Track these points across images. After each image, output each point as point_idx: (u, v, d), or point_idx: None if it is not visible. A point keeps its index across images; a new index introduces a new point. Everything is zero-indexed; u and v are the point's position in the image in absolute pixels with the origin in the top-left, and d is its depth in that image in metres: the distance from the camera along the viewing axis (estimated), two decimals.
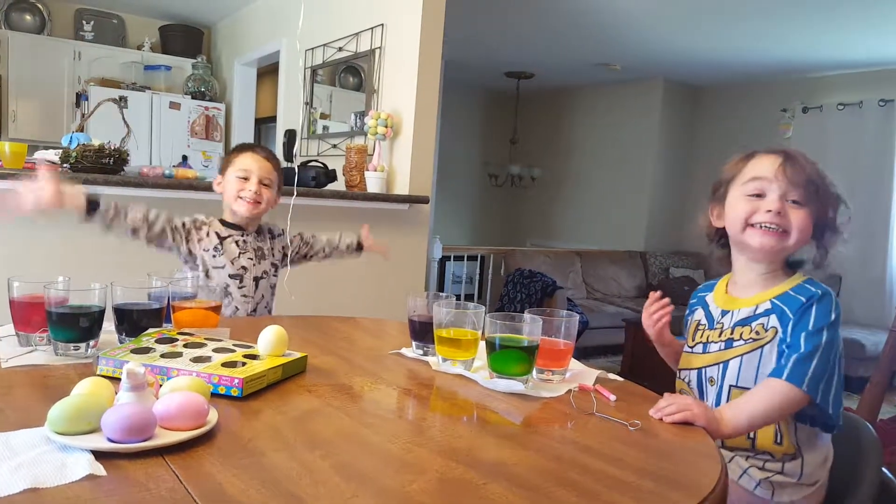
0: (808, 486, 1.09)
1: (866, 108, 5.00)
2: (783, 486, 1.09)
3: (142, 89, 5.05)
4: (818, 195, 1.09)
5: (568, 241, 6.57)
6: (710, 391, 1.14)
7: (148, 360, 0.96)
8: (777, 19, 4.05)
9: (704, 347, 1.17)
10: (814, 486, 1.10)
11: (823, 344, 1.03)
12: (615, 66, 5.62)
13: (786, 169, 1.09)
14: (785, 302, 1.09)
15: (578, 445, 0.83)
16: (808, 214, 1.09)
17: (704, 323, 1.20)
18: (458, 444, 0.80)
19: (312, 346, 1.22)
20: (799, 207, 1.09)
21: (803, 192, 1.08)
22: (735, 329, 1.13)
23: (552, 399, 1.01)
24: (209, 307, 1.18)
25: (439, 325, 1.13)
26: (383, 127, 3.04)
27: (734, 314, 1.15)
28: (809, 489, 1.09)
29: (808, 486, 1.09)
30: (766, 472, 1.09)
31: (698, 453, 0.84)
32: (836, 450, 1.14)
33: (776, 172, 1.09)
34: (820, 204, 1.10)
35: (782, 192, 1.09)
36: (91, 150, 2.30)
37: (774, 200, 1.09)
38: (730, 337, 1.13)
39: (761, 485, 1.09)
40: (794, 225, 1.09)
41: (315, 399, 0.94)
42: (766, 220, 1.09)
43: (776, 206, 1.08)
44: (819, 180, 1.10)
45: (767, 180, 1.10)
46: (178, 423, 0.74)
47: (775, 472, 1.09)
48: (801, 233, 1.09)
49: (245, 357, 1.00)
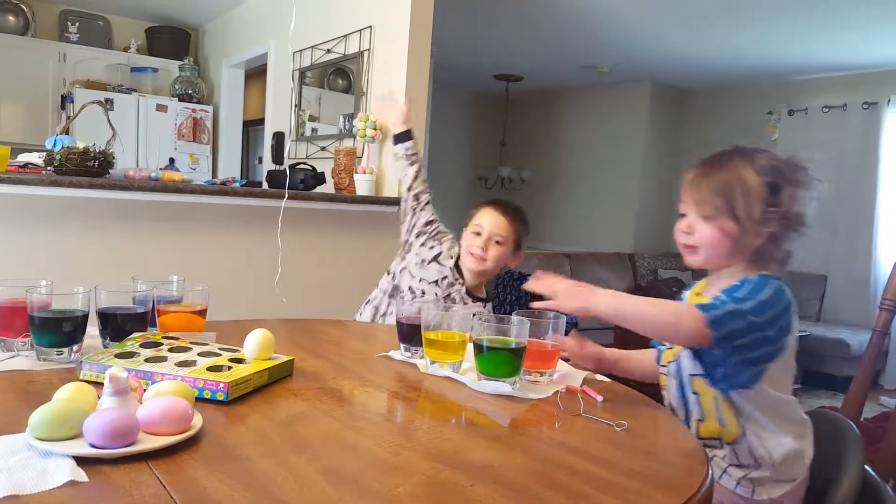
0: (787, 482, 1.10)
1: (850, 110, 5.06)
2: (762, 483, 1.10)
3: (128, 91, 5.02)
4: (733, 203, 1.07)
5: (557, 243, 6.59)
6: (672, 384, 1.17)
7: (132, 365, 0.95)
8: (763, 23, 4.09)
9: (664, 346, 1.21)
10: (793, 482, 1.11)
11: (746, 308, 1.01)
12: (603, 68, 5.65)
13: (689, 188, 1.12)
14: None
15: (565, 447, 0.83)
16: (716, 227, 1.09)
17: None
18: (445, 447, 0.80)
19: (300, 350, 1.21)
20: (707, 222, 1.10)
21: (710, 207, 1.09)
22: None
23: (540, 400, 1.01)
24: (195, 311, 1.17)
25: (427, 328, 1.13)
26: (372, 129, 3.04)
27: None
28: (789, 485, 1.10)
29: (787, 483, 1.10)
30: (743, 470, 1.10)
31: (684, 453, 0.84)
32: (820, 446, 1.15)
33: (684, 191, 1.13)
34: (731, 210, 1.08)
35: (691, 211, 1.12)
36: (76, 152, 2.27)
37: (683, 220, 1.13)
38: None
39: (741, 483, 1.10)
40: (700, 241, 1.11)
41: (302, 403, 0.93)
42: (678, 239, 1.14)
43: (682, 226, 1.13)
44: (728, 188, 1.08)
45: (683, 200, 1.14)
46: (162, 427, 0.74)
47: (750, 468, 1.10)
48: (709, 246, 1.10)
49: (231, 361, 0.99)
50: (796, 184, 1.09)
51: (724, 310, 1.01)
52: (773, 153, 1.13)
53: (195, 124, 5.13)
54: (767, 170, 1.08)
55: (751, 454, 1.10)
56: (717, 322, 1.00)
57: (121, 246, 2.46)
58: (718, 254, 1.11)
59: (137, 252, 2.49)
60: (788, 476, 1.10)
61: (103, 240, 2.43)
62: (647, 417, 1.02)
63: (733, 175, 1.09)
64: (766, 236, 1.07)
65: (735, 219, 1.08)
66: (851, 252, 5.03)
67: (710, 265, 1.14)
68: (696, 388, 1.13)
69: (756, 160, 1.10)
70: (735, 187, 1.08)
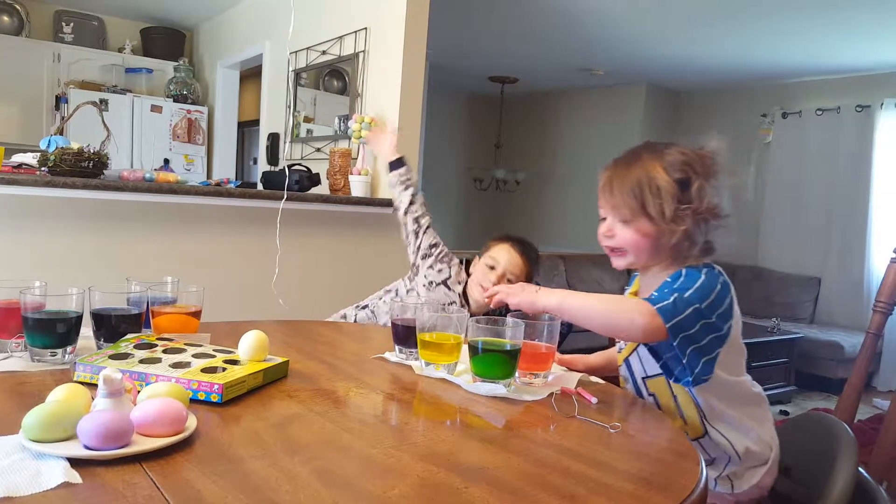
0: (761, 465, 1.12)
1: (844, 113, 5.09)
2: (738, 476, 1.11)
3: (122, 92, 5.00)
4: (646, 204, 1.07)
5: (552, 245, 6.60)
6: (628, 388, 1.19)
7: (126, 366, 0.94)
8: (757, 26, 4.11)
9: (619, 346, 1.22)
10: (766, 464, 1.12)
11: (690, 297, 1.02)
12: (598, 70, 5.66)
13: (603, 194, 1.12)
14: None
15: (560, 448, 0.83)
16: (635, 229, 1.09)
17: None
18: (440, 449, 0.80)
19: (295, 351, 1.21)
20: (626, 225, 1.10)
21: (625, 210, 1.09)
22: None
23: (534, 402, 1.01)
24: (189, 312, 1.17)
25: (422, 329, 1.13)
26: (367, 130, 3.03)
27: None
28: (763, 467, 1.12)
29: (762, 465, 1.12)
30: (716, 468, 1.12)
31: (678, 454, 0.84)
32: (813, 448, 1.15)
33: (600, 195, 1.13)
34: (645, 211, 1.08)
35: (610, 214, 1.12)
36: (70, 153, 2.27)
37: (604, 225, 1.14)
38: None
39: (719, 483, 1.11)
40: (623, 243, 1.11)
41: (296, 404, 0.93)
42: (601, 243, 1.14)
43: (603, 230, 1.13)
44: (638, 189, 1.07)
45: (600, 205, 1.14)
46: (156, 429, 0.74)
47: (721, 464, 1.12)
48: (633, 247, 1.10)
49: (225, 362, 0.99)
50: (707, 176, 1.09)
51: (671, 300, 1.01)
52: (683, 146, 1.12)
53: (190, 125, 5.11)
54: (677, 165, 1.08)
55: (718, 447, 1.11)
56: (666, 312, 1.00)
57: (115, 247, 2.46)
58: (642, 254, 1.11)
59: (132, 253, 2.48)
60: (760, 460, 1.12)
61: (98, 241, 2.42)
62: (642, 419, 1.03)
63: (643, 175, 1.08)
64: (681, 233, 1.07)
65: (650, 219, 1.08)
66: (845, 254, 5.05)
67: (637, 265, 1.14)
68: (652, 389, 1.14)
69: (665, 156, 1.09)
70: (645, 188, 1.07)
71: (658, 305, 1.01)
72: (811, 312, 5.16)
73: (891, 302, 1.37)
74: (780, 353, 4.26)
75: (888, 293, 1.35)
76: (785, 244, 5.41)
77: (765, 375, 4.15)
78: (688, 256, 1.09)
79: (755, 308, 5.19)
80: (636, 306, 1.03)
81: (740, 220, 1.14)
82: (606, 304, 1.07)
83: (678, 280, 1.05)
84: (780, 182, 5.44)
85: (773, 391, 4.20)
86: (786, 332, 4.38)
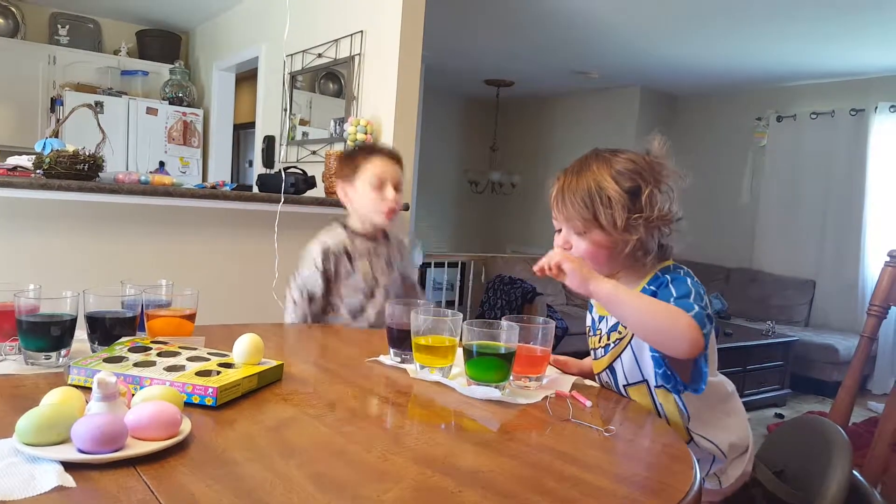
0: (742, 454, 1.13)
1: (838, 117, 5.11)
2: (724, 472, 1.12)
3: (118, 94, 4.99)
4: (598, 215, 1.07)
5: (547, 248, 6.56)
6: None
7: (120, 370, 0.94)
8: (752, 29, 4.13)
9: (595, 353, 1.21)
10: (748, 452, 1.13)
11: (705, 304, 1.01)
12: (593, 73, 5.68)
13: (557, 201, 1.11)
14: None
15: (554, 452, 0.83)
16: (590, 241, 1.09)
17: (590, 328, 1.24)
18: (434, 452, 0.80)
19: (290, 355, 1.21)
20: (581, 237, 1.10)
21: (578, 221, 1.09)
22: (611, 335, 1.16)
23: (529, 405, 1.01)
24: (183, 315, 1.17)
25: (417, 333, 1.13)
26: (363, 133, 3.04)
27: (608, 320, 1.18)
28: (745, 456, 1.13)
29: (744, 455, 1.13)
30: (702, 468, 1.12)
31: (672, 458, 0.84)
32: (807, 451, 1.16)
33: (552, 205, 1.12)
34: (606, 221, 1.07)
35: (564, 226, 1.12)
36: (65, 155, 2.26)
37: (560, 237, 1.13)
38: (607, 343, 1.17)
39: (707, 481, 1.12)
40: (578, 254, 1.10)
41: (291, 408, 0.93)
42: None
43: (559, 242, 1.13)
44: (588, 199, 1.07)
45: (554, 216, 1.13)
46: (151, 433, 0.73)
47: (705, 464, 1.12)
48: (591, 258, 1.09)
49: (220, 366, 0.99)
50: (657, 182, 1.08)
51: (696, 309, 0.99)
52: (631, 152, 1.11)
53: (185, 127, 5.11)
54: (626, 175, 1.07)
55: (702, 451, 1.11)
56: (702, 323, 0.98)
57: (111, 250, 2.45)
58: (600, 265, 1.10)
59: (128, 256, 2.48)
60: (741, 450, 1.13)
61: (93, 244, 2.41)
62: (636, 422, 1.03)
63: (593, 185, 1.07)
64: (634, 242, 1.06)
65: (603, 229, 1.07)
66: (840, 257, 5.07)
67: (605, 271, 1.12)
68: (633, 396, 1.14)
69: (614, 164, 1.08)
70: (595, 199, 1.07)
71: (691, 314, 0.98)
72: (806, 315, 5.18)
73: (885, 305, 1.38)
74: (775, 356, 4.27)
75: (882, 297, 1.36)
76: (780, 247, 5.42)
77: (760, 378, 4.16)
78: (644, 263, 1.10)
79: (750, 311, 5.21)
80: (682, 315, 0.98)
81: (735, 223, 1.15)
82: (657, 309, 1.01)
83: (669, 288, 1.05)
84: (775, 185, 5.46)
85: (768, 394, 4.21)
86: (781, 335, 4.39)
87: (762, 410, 4.06)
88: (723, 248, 5.64)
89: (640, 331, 1.03)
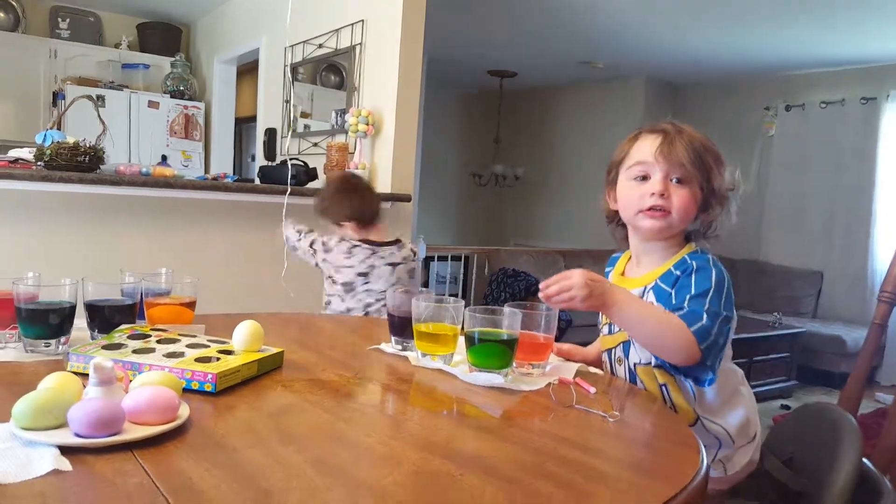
0: (749, 443, 1.11)
1: (848, 105, 5.02)
2: (730, 458, 1.11)
3: (119, 88, 4.99)
4: (702, 168, 1.06)
5: (551, 241, 6.58)
6: (620, 370, 1.16)
7: (119, 356, 0.93)
8: (759, 17, 4.08)
9: (610, 328, 1.18)
10: (753, 440, 1.12)
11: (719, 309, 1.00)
12: (598, 63, 5.64)
13: (664, 149, 1.07)
14: (665, 279, 1.09)
15: (557, 437, 0.82)
16: (690, 192, 1.07)
17: None
18: (436, 438, 0.79)
19: (291, 342, 1.20)
20: (681, 186, 1.07)
21: (684, 169, 1.06)
22: None
23: (532, 392, 1.00)
24: (183, 303, 1.16)
25: (418, 320, 1.12)
26: (364, 124, 3.02)
27: None
28: (752, 444, 1.11)
29: (751, 443, 1.11)
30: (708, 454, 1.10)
31: (678, 443, 0.83)
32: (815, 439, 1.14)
33: (656, 154, 1.08)
34: (703, 176, 1.07)
35: (664, 174, 1.07)
36: (66, 147, 2.25)
37: (657, 182, 1.08)
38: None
39: (712, 468, 1.10)
40: (676, 205, 1.07)
41: (291, 394, 0.92)
42: (651, 203, 1.08)
43: (658, 188, 1.07)
44: (703, 152, 1.06)
45: (649, 164, 1.09)
46: (148, 417, 0.73)
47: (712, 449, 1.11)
48: (683, 211, 1.07)
49: (219, 353, 0.98)
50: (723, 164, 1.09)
51: (704, 319, 0.98)
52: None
53: (187, 121, 5.10)
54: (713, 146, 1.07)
55: (708, 434, 1.10)
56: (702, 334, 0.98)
57: (112, 241, 2.45)
58: (685, 221, 1.08)
59: (130, 248, 2.47)
60: (749, 437, 1.11)
61: (95, 235, 2.41)
62: (641, 408, 1.02)
63: (705, 140, 1.06)
64: (716, 213, 1.06)
65: (700, 187, 1.06)
66: (848, 248, 5.01)
67: (671, 232, 1.11)
68: (642, 375, 1.12)
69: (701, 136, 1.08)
70: (708, 154, 1.05)
71: (694, 328, 0.98)
72: (813, 307, 5.14)
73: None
74: (781, 347, 4.24)
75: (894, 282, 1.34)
76: (787, 238, 5.37)
77: (766, 370, 4.13)
78: (698, 239, 1.08)
79: (757, 302, 5.17)
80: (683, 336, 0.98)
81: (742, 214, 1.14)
82: (659, 325, 1.01)
83: (691, 277, 1.03)
84: (782, 176, 5.40)
85: (775, 386, 4.19)
86: (788, 327, 4.36)
87: (768, 402, 4.04)
88: (729, 239, 5.52)
89: (640, 338, 1.05)
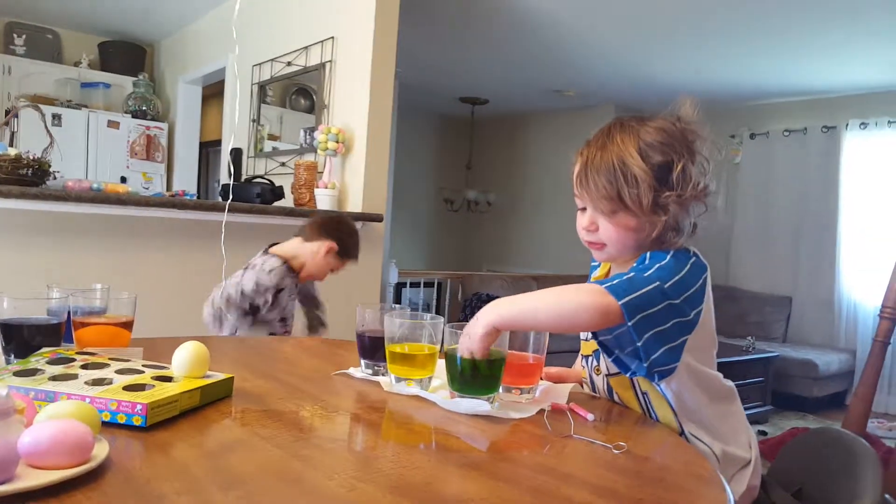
0: (745, 467, 1.00)
1: (810, 134, 5.14)
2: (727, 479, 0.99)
3: (77, 107, 4.78)
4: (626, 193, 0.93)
5: (524, 266, 6.51)
6: (598, 380, 1.05)
7: (32, 384, 0.78)
8: (725, 48, 4.13)
9: (585, 335, 1.07)
10: (751, 465, 1.00)
11: (650, 276, 0.90)
12: (569, 91, 5.65)
13: (581, 180, 0.98)
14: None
15: (557, 474, 0.69)
16: (616, 223, 0.96)
17: None
18: (413, 478, 0.66)
19: (244, 368, 1.06)
20: (608, 217, 0.96)
21: (604, 203, 0.95)
22: None
23: (522, 420, 0.87)
24: (119, 323, 1.01)
25: (392, 340, 0.99)
26: (334, 142, 2.90)
27: None
28: (748, 469, 1.00)
29: (746, 468, 1.00)
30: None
31: (698, 479, 0.71)
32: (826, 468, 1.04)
33: (576, 186, 0.99)
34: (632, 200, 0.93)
35: (591, 206, 0.98)
36: (6, 159, 2.08)
37: (586, 217, 0.99)
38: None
39: None
40: (605, 238, 0.97)
41: (239, 428, 0.77)
42: (582, 237, 1.01)
43: (585, 224, 0.99)
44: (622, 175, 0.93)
45: (577, 194, 1.00)
46: (51, 459, 0.58)
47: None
48: (617, 242, 0.97)
49: (155, 379, 0.83)
50: (691, 154, 0.96)
51: (625, 278, 0.89)
52: (661, 119, 0.98)
53: (149, 142, 4.91)
54: (656, 147, 0.94)
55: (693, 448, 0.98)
56: (618, 289, 0.87)
57: (58, 262, 2.25)
58: (626, 250, 0.98)
59: (76, 269, 2.28)
60: (742, 462, 1.00)
61: (37, 256, 2.22)
62: (647, 437, 0.89)
63: (617, 160, 0.94)
64: (663, 224, 0.93)
65: (629, 210, 0.94)
66: (815, 273, 5.06)
67: (623, 258, 1.00)
68: (616, 389, 1.02)
69: (641, 136, 0.95)
70: (620, 177, 0.93)
71: (609, 285, 0.88)
72: (784, 331, 5.15)
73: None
74: (756, 372, 4.19)
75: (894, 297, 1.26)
76: (756, 263, 5.41)
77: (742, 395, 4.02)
78: (671, 244, 0.96)
79: (729, 327, 5.14)
80: (582, 287, 0.91)
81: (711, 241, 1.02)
82: (556, 295, 0.91)
83: (641, 262, 0.93)
84: (749, 202, 5.46)
85: (751, 411, 4.11)
86: (761, 351, 4.33)
87: None
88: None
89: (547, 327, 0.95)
